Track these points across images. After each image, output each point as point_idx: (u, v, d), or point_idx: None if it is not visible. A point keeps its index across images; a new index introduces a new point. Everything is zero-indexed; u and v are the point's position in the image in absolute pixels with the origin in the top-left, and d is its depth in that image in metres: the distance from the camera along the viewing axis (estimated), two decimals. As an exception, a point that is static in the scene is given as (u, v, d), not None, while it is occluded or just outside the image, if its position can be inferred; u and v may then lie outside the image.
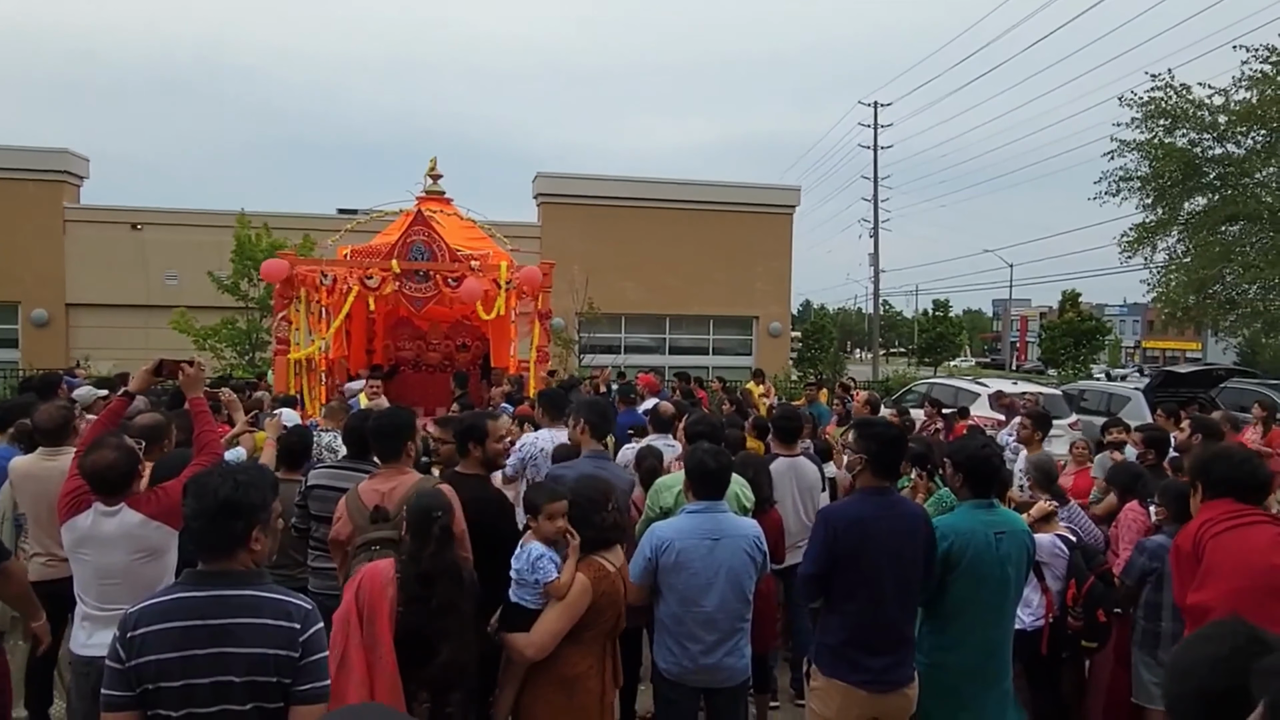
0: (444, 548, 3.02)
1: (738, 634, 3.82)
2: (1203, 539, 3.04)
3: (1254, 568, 2.87)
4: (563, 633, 3.35)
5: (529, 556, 3.45)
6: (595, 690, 3.45)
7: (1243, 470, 3.20)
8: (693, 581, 3.72)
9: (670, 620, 3.79)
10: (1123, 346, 69.16)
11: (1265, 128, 21.28)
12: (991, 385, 15.55)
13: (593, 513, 3.52)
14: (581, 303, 20.35)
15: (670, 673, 3.82)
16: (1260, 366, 28.92)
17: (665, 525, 3.88)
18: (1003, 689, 3.82)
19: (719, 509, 3.88)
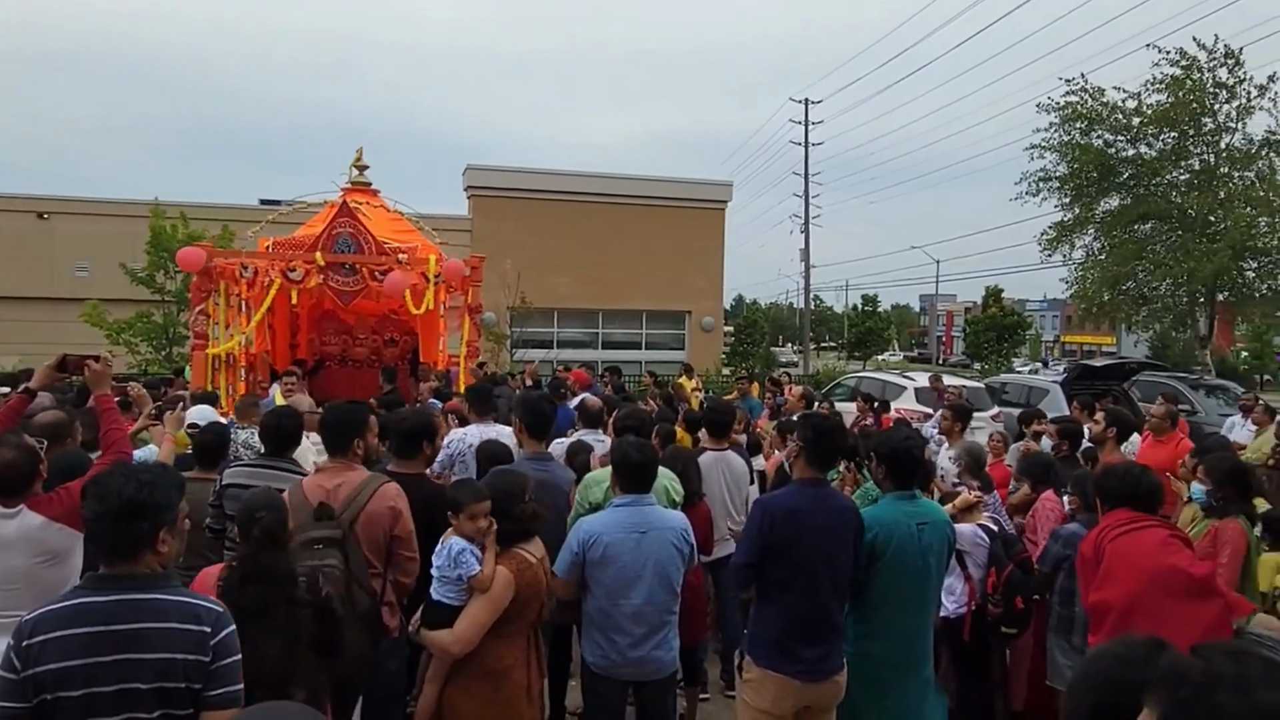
0: (261, 549, 2.88)
1: (666, 627, 3.82)
2: (1102, 544, 3.23)
3: (1146, 567, 3.04)
4: (487, 625, 3.30)
5: (450, 552, 3.40)
6: (522, 682, 3.41)
7: (1130, 483, 3.45)
8: (620, 575, 3.71)
9: (597, 614, 3.78)
10: (1043, 341, 71.38)
11: (1175, 130, 22.17)
12: (918, 379, 15.89)
13: (510, 504, 3.46)
14: (513, 297, 20.18)
15: (598, 666, 3.80)
16: (1170, 360, 30.15)
17: (592, 519, 3.86)
18: (924, 676, 3.90)
19: (646, 502, 3.86)
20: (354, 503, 3.71)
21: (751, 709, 3.76)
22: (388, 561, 3.76)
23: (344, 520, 3.60)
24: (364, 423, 4.04)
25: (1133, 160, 23.16)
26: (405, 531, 3.75)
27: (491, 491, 3.50)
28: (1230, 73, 21.57)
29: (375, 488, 3.79)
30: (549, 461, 5.03)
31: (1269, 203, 21.19)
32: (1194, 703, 1.07)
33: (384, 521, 3.72)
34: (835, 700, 3.79)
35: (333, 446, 3.96)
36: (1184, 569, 2.96)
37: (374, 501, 3.73)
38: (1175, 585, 2.92)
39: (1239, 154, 21.96)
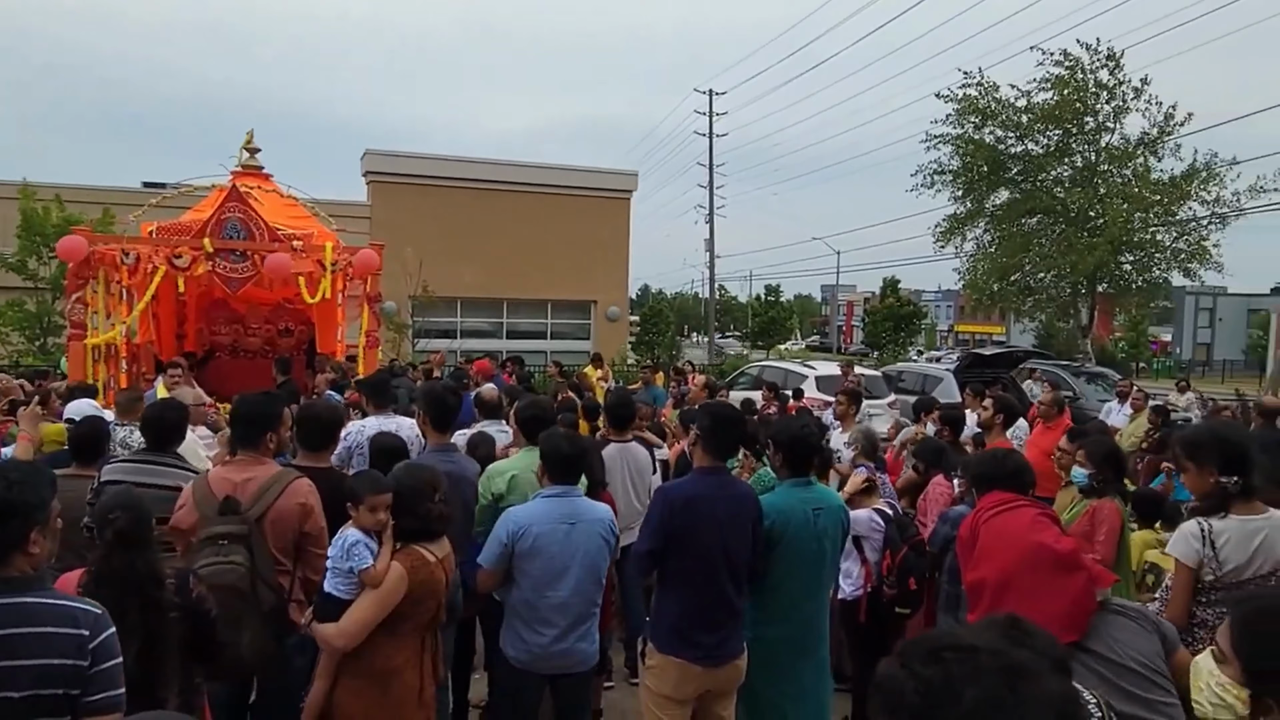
0: (113, 552, 2.77)
1: (590, 619, 3.82)
2: (977, 526, 3.36)
3: (1017, 546, 3.17)
4: (373, 622, 3.19)
5: (344, 543, 3.30)
6: (413, 684, 3.31)
7: (997, 466, 3.57)
8: (549, 566, 3.69)
9: (521, 606, 3.75)
10: (938, 330, 73.96)
11: (1060, 128, 23.23)
12: (819, 367, 16.24)
13: (417, 501, 3.37)
14: (415, 286, 19.76)
15: (519, 660, 3.77)
16: (1054, 349, 31.63)
17: (521, 510, 3.83)
18: (819, 658, 4.00)
19: (574, 493, 3.86)
20: (263, 498, 3.59)
21: (654, 694, 3.78)
22: (297, 558, 3.66)
23: (251, 516, 3.49)
24: (277, 416, 3.92)
25: (1021, 156, 24.19)
26: (316, 528, 3.65)
27: (399, 487, 3.40)
28: (1110, 74, 22.72)
29: (286, 483, 3.67)
30: (455, 453, 4.94)
31: (1144, 199, 22.42)
32: None
33: (294, 518, 3.62)
34: (736, 684, 3.85)
35: (243, 439, 3.82)
36: (1050, 545, 3.11)
37: (284, 498, 3.62)
38: (1043, 561, 3.06)
39: (1117, 152, 23.16)
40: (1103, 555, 4.47)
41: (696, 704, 3.84)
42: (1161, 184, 22.62)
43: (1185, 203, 22.61)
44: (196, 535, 3.46)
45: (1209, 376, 44.79)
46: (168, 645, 2.75)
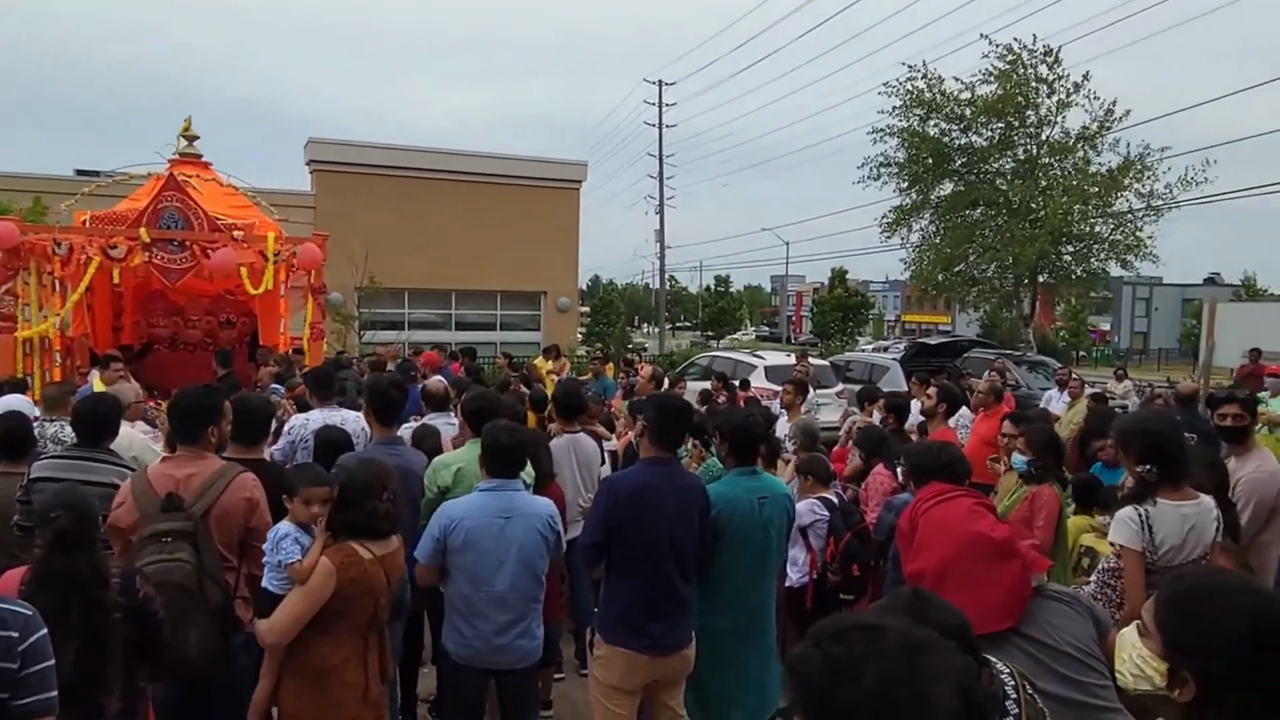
0: (54, 551, 2.68)
1: (530, 615, 3.79)
2: (915, 517, 3.41)
3: (954, 535, 3.22)
4: (302, 618, 3.13)
5: (274, 537, 3.25)
6: (355, 684, 3.25)
7: (933, 458, 3.63)
8: (483, 561, 3.66)
9: (460, 601, 3.71)
10: (885, 320, 74.99)
11: (1002, 121, 23.67)
12: (769, 357, 16.36)
13: (365, 498, 3.30)
14: (361, 277, 19.45)
15: (460, 656, 3.74)
16: (998, 338, 32.29)
17: (455, 504, 3.80)
18: (765, 645, 4.03)
19: (512, 487, 3.81)
20: (207, 494, 3.53)
21: (602, 685, 3.79)
22: (243, 554, 3.60)
23: (195, 512, 3.41)
24: (218, 410, 3.84)
25: (965, 149, 24.58)
26: (262, 523, 3.58)
27: (348, 481, 3.34)
28: (1050, 69, 23.18)
29: (231, 478, 3.60)
30: (401, 446, 4.89)
31: (1083, 192, 22.94)
32: (820, 707, 1.11)
33: (239, 513, 3.56)
34: (684, 673, 3.87)
35: (184, 434, 3.74)
36: (987, 534, 3.17)
37: (229, 493, 3.56)
38: (980, 549, 3.12)
39: (1058, 145, 23.66)
40: (1041, 541, 4.58)
41: (645, 693, 3.86)
42: (1099, 177, 23.17)
43: (1121, 195, 23.19)
44: (137, 533, 3.38)
45: (1146, 364, 46.10)
46: (110, 647, 2.69)
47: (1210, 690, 1.51)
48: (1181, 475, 3.50)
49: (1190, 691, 1.53)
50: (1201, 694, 1.52)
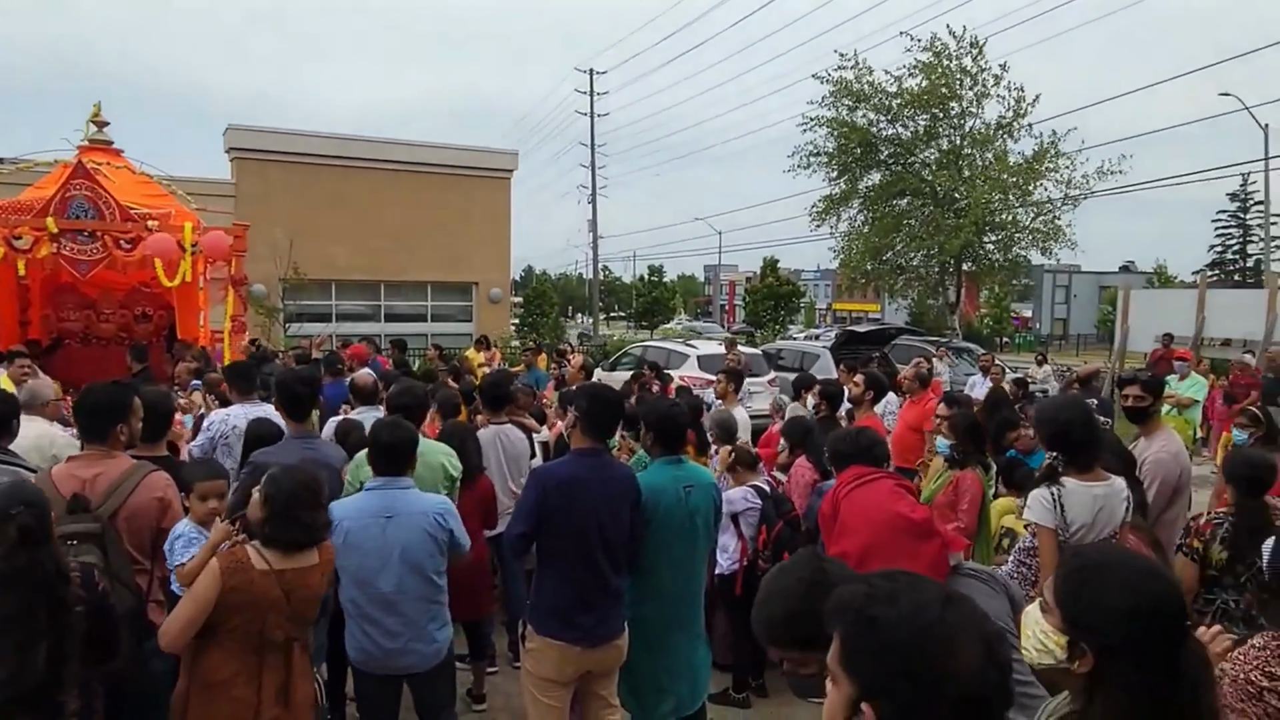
0: (16, 550, 2.58)
1: (425, 616, 3.71)
2: (838, 500, 3.46)
3: (876, 516, 3.30)
4: (190, 623, 2.99)
5: (173, 536, 3.13)
6: (245, 700, 3.08)
7: (852, 442, 3.74)
8: (365, 563, 3.59)
9: (350, 605, 3.66)
10: (817, 309, 76.01)
11: (927, 112, 24.16)
12: (701, 347, 16.44)
13: (295, 508, 3.14)
14: (285, 268, 18.94)
15: (357, 661, 3.70)
16: (925, 325, 33.00)
17: (339, 505, 3.72)
18: (695, 632, 4.04)
19: (398, 485, 3.74)
20: (115, 494, 3.39)
21: (534, 677, 3.77)
22: (155, 556, 3.47)
23: (103, 513, 3.27)
24: (126, 406, 3.66)
25: (892, 139, 25.05)
26: (175, 523, 3.45)
27: (274, 490, 3.15)
28: (974, 61, 23.74)
29: (140, 478, 3.47)
30: (315, 440, 4.77)
31: (1003, 181, 23.58)
32: (858, 619, 1.31)
33: (150, 514, 3.43)
34: (617, 664, 3.86)
35: (91, 432, 3.58)
36: (906, 514, 3.25)
37: (139, 493, 3.43)
38: (901, 529, 3.19)
39: (980, 136, 24.27)
40: (966, 523, 4.69)
41: (578, 684, 3.85)
42: (1018, 166, 23.82)
43: (1040, 183, 23.90)
44: None
45: (1065, 350, 47.64)
46: (74, 645, 2.62)
47: (1104, 661, 1.60)
48: (1092, 459, 3.62)
49: (1088, 663, 1.61)
50: (1098, 665, 1.60)
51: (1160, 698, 1.55)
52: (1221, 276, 55.71)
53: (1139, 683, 1.56)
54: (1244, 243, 58.57)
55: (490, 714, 5.18)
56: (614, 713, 3.95)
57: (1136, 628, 1.57)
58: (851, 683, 1.31)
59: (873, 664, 1.28)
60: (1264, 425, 5.60)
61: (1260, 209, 41.54)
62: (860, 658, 1.30)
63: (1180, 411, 9.93)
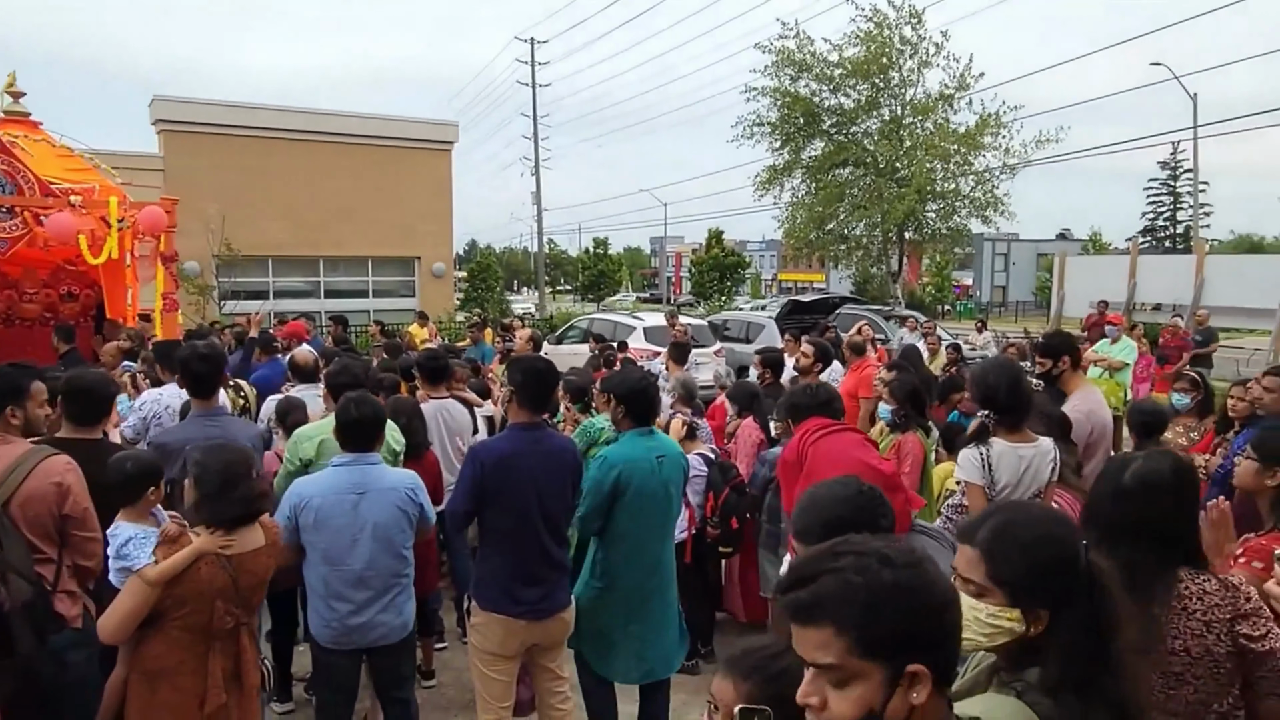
0: None
1: (394, 590, 3.69)
2: (804, 448, 3.45)
3: (843, 464, 3.36)
4: (133, 613, 2.92)
5: (116, 542, 3.02)
6: (191, 690, 3.02)
7: (810, 396, 3.82)
8: (336, 539, 3.55)
9: (317, 582, 3.60)
10: (762, 279, 76.51)
11: (869, 82, 24.29)
12: (647, 318, 16.43)
13: (227, 488, 3.06)
14: (218, 244, 18.42)
15: (323, 636, 3.63)
16: (869, 294, 33.40)
17: (307, 481, 3.69)
18: (669, 599, 4.09)
19: (368, 460, 3.69)
20: (7, 481, 3.22)
21: (480, 651, 3.78)
22: (63, 544, 3.31)
23: None
24: (20, 389, 3.47)
25: (834, 109, 25.16)
26: (78, 510, 3.31)
27: (202, 474, 3.08)
28: (914, 30, 23.89)
29: (35, 463, 3.29)
30: (223, 417, 4.61)
31: (944, 150, 23.87)
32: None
33: (49, 500, 3.26)
34: (563, 636, 3.90)
35: None
36: (875, 465, 3.32)
37: (34, 479, 3.25)
38: (867, 479, 3.21)
39: (920, 106, 24.49)
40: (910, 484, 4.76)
41: (525, 657, 3.87)
42: (958, 135, 24.12)
43: (980, 153, 24.25)
44: None
45: (1004, 317, 48.70)
46: None
47: (1056, 613, 1.64)
48: (1019, 420, 3.70)
49: (1044, 620, 1.64)
50: (1052, 618, 1.64)
51: (1108, 619, 1.64)
52: (1153, 243, 57.36)
53: (1086, 616, 1.63)
54: (1174, 210, 60.33)
55: (439, 689, 5.16)
56: (562, 684, 3.97)
57: (1071, 574, 1.65)
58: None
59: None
60: (1202, 389, 5.78)
61: (1190, 177, 42.75)
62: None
63: (1111, 374, 10.21)
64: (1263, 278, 16.19)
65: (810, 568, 1.31)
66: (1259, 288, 15.94)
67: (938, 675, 1.29)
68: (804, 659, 1.28)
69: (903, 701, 1.25)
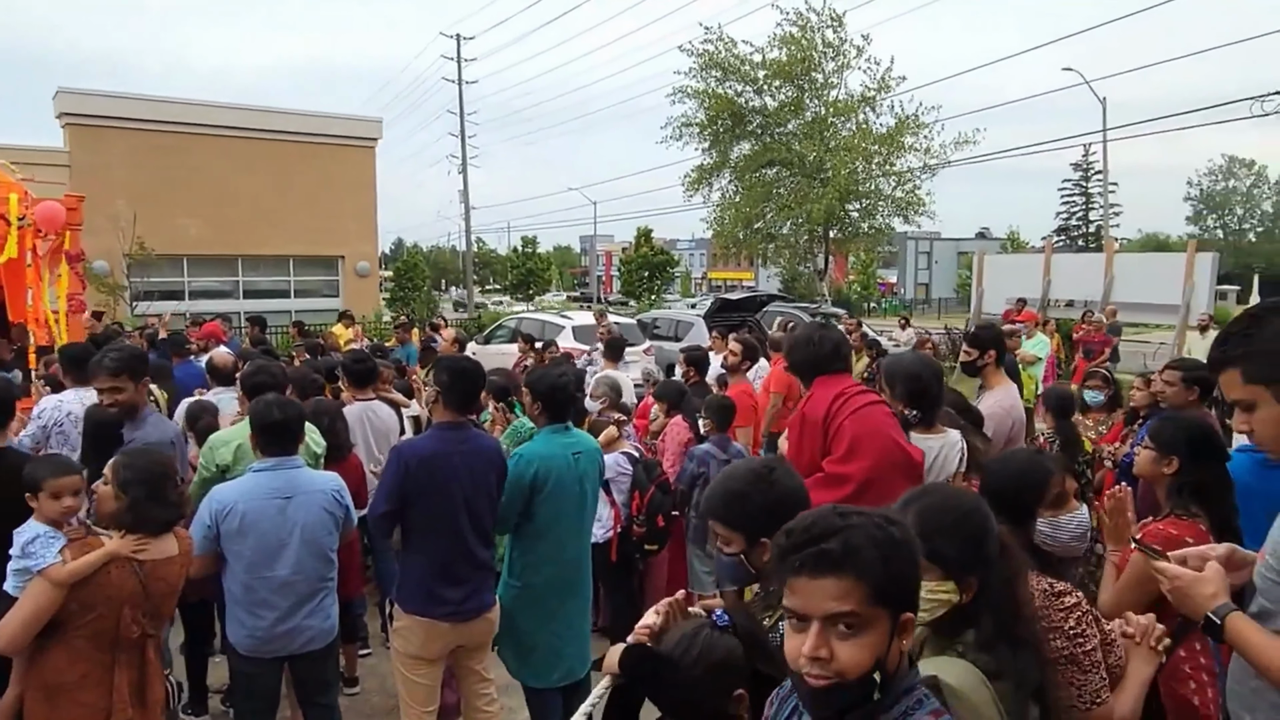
0: None
1: (319, 594, 3.62)
2: (840, 415, 3.39)
3: (884, 445, 3.34)
4: (36, 617, 2.78)
5: (21, 540, 2.88)
6: (94, 704, 2.90)
7: (818, 349, 3.63)
8: (262, 545, 3.45)
9: (239, 590, 3.49)
10: (692, 278, 76.94)
11: (792, 83, 24.65)
12: (576, 317, 16.37)
13: (162, 488, 3.00)
14: (129, 243, 17.74)
15: (245, 646, 3.53)
16: (796, 292, 33.88)
17: (227, 487, 3.58)
18: (585, 596, 4.09)
19: (291, 464, 3.62)
20: None
21: (402, 655, 3.75)
22: None
23: None
24: None
25: (759, 110, 25.46)
26: None
27: (129, 477, 3.00)
28: (835, 33, 24.32)
29: None
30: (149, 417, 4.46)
31: (866, 151, 24.35)
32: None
33: None
34: (488, 637, 3.88)
35: None
36: (906, 449, 3.33)
37: None
38: (899, 464, 3.26)
39: (843, 107, 24.93)
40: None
41: (450, 660, 3.84)
42: (879, 136, 24.64)
43: (901, 154, 24.80)
44: None
45: (928, 314, 49.92)
46: None
47: (983, 581, 1.84)
48: (935, 414, 3.80)
49: (974, 586, 1.82)
50: (980, 585, 1.83)
51: (1017, 574, 1.92)
52: (1067, 242, 59.44)
53: (1004, 575, 1.87)
54: (1087, 209, 62.62)
55: (364, 696, 5.07)
56: (488, 685, 3.95)
57: (992, 541, 1.87)
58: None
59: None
60: (1112, 385, 6.07)
61: (1100, 177, 44.40)
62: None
63: (1025, 368, 10.56)
64: (1167, 275, 16.85)
65: (823, 525, 1.39)
66: (1164, 284, 16.60)
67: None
68: (810, 612, 1.36)
69: (897, 649, 1.39)
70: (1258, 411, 1.85)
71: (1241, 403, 1.87)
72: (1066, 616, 2.15)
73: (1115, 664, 2.19)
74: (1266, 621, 1.84)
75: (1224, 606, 1.86)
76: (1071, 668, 2.10)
